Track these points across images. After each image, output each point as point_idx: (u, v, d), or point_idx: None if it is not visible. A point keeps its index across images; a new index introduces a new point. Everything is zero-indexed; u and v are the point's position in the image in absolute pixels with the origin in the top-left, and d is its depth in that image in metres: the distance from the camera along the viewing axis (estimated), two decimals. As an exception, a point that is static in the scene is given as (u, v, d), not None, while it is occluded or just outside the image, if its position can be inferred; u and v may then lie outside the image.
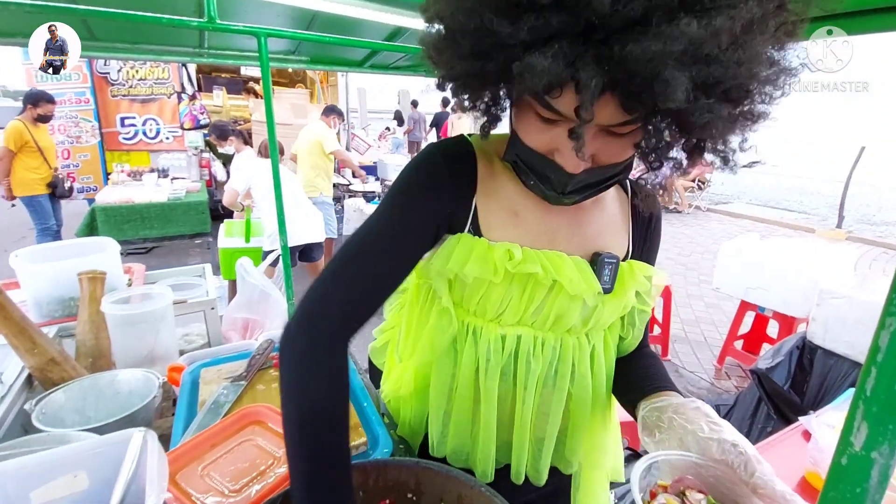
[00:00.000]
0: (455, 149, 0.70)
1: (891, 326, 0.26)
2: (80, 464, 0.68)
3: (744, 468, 0.57)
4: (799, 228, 7.87)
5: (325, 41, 1.44)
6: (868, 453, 0.27)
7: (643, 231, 0.78)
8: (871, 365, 0.27)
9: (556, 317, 0.71)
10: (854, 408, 0.28)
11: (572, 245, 0.71)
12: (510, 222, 0.69)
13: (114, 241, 1.40)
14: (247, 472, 0.79)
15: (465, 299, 0.72)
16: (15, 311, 0.96)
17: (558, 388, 0.75)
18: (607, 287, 0.70)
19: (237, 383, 1.02)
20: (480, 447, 0.79)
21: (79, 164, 5.54)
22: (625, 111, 0.51)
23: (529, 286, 0.68)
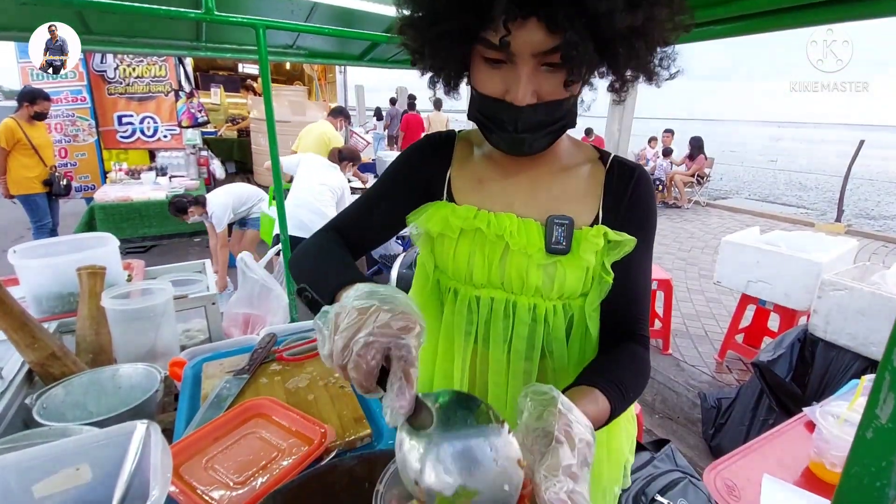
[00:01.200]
0: (440, 136, 0.85)
1: None
2: (83, 456, 0.68)
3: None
4: (798, 223, 7.88)
5: (324, 33, 1.43)
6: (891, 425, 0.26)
7: (618, 202, 0.76)
8: (897, 335, 0.26)
9: (518, 277, 0.75)
10: (880, 380, 0.27)
11: (529, 209, 0.76)
12: (475, 189, 0.79)
13: (113, 236, 1.39)
14: (251, 464, 0.79)
15: (441, 260, 0.80)
16: (15, 305, 0.95)
17: (535, 352, 0.77)
18: (561, 247, 0.73)
19: (240, 377, 1.01)
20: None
21: (76, 162, 5.51)
22: (551, 34, 0.58)
23: (487, 246, 0.75)
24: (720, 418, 2.44)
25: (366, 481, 0.74)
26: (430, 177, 0.82)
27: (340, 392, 1.00)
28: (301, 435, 0.85)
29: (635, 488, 1.28)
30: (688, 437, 2.57)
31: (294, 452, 0.81)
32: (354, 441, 0.87)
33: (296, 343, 1.16)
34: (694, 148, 9.00)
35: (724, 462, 1.19)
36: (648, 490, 1.27)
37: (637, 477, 1.33)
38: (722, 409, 2.45)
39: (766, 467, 1.16)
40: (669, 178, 9.03)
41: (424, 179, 0.82)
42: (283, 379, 1.04)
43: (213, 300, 1.41)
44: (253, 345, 1.19)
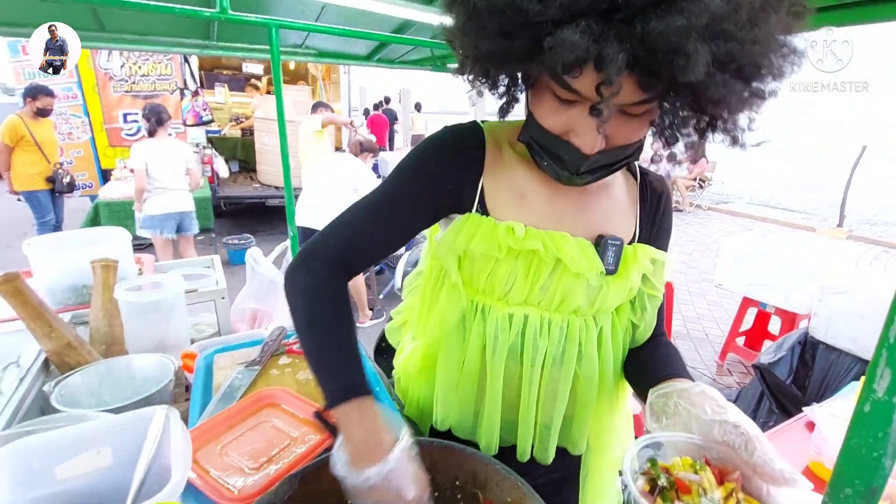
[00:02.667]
0: (465, 133, 0.73)
1: None
2: (104, 440, 0.70)
3: (744, 448, 0.57)
4: (800, 228, 7.90)
5: (335, 33, 1.45)
6: (891, 398, 0.28)
7: (651, 215, 0.79)
8: (894, 313, 0.28)
9: (561, 296, 0.72)
10: (877, 356, 0.29)
11: (577, 227, 0.73)
12: (517, 204, 0.72)
13: (125, 230, 1.41)
14: (265, 451, 0.81)
15: (474, 277, 0.74)
16: (32, 296, 0.98)
17: (565, 368, 0.76)
18: (611, 268, 0.72)
19: (251, 368, 1.03)
20: (485, 422, 0.80)
21: (72, 160, 5.52)
22: (642, 90, 0.53)
23: (534, 264, 0.70)
24: (720, 419, 2.46)
25: (377, 469, 0.76)
26: (457, 184, 0.72)
27: (350, 384, 1.02)
28: (313, 424, 0.87)
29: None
30: (688, 438, 2.59)
31: (307, 440, 0.83)
32: (364, 431, 0.89)
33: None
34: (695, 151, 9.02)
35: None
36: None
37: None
38: (722, 411, 2.47)
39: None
40: (672, 182, 9.06)
41: (448, 193, 0.72)
42: (294, 371, 1.06)
43: (223, 294, 1.43)
44: (262, 338, 1.21)
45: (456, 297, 0.76)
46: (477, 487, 0.75)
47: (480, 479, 0.75)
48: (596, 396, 0.80)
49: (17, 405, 0.86)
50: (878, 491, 0.31)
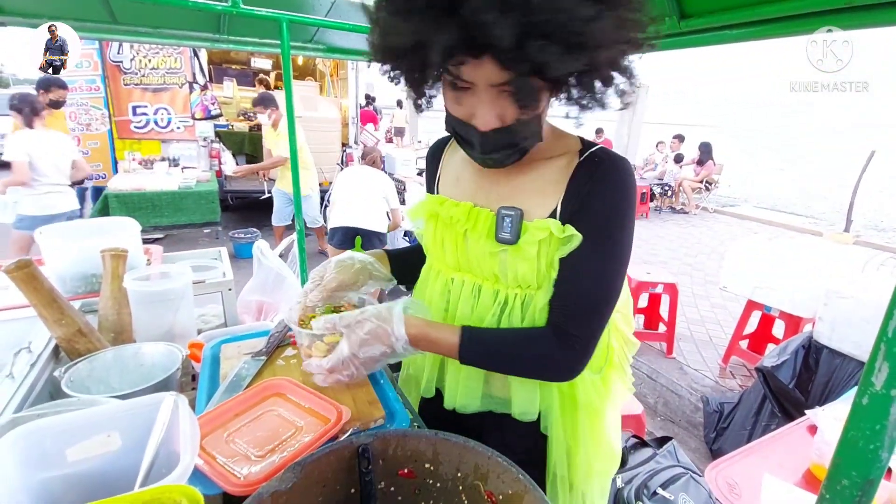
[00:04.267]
0: (434, 145, 1.00)
1: None
2: (114, 424, 0.71)
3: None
4: (806, 232, 7.84)
5: (345, 28, 1.46)
6: (888, 391, 0.29)
7: (576, 193, 0.76)
8: (893, 308, 0.29)
9: (476, 262, 0.84)
10: (876, 350, 0.30)
11: (487, 200, 0.84)
12: (453, 184, 0.91)
13: (134, 221, 1.42)
14: (270, 439, 0.82)
15: (426, 245, 0.94)
16: (45, 282, 0.99)
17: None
18: (507, 237, 0.79)
19: (257, 358, 1.04)
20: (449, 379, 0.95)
21: (88, 151, 5.57)
22: (504, 69, 0.63)
23: (451, 232, 0.86)
24: (722, 422, 2.46)
25: (380, 458, 0.77)
26: (430, 179, 0.98)
27: (354, 376, 1.03)
28: (318, 414, 0.88)
29: (637, 482, 1.30)
30: (689, 441, 2.59)
31: (312, 430, 0.84)
32: (369, 422, 0.90)
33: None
34: (703, 153, 8.98)
35: (725, 461, 1.21)
36: (650, 483, 1.29)
37: (639, 471, 1.35)
38: (724, 414, 2.47)
39: (768, 468, 1.18)
40: (678, 184, 9.02)
41: (428, 182, 0.99)
42: (299, 362, 1.07)
43: (230, 286, 1.44)
44: (268, 330, 1.22)
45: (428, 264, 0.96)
46: (478, 479, 0.76)
47: (482, 470, 0.75)
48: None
49: (28, 390, 0.88)
50: (875, 483, 0.31)
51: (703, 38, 1.16)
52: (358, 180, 3.42)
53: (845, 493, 0.32)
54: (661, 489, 1.28)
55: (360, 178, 3.43)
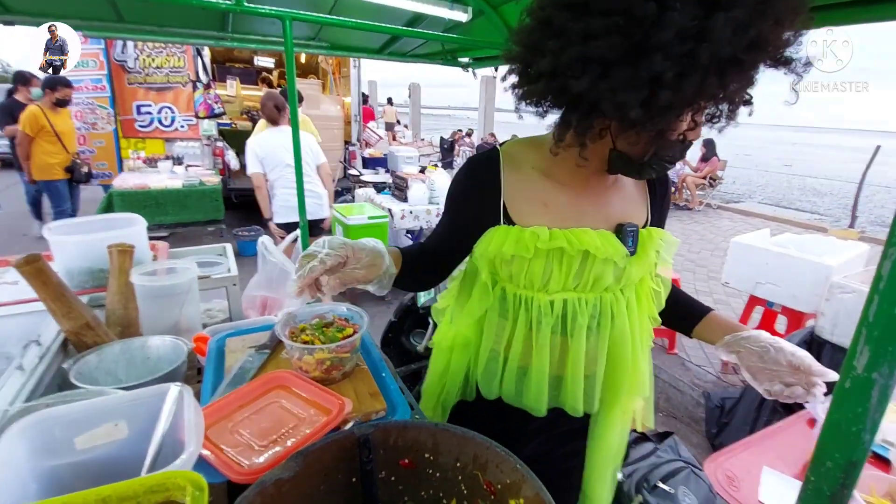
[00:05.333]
0: (481, 166, 0.88)
1: (892, 256, 0.28)
2: (121, 414, 0.73)
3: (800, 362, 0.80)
4: (811, 228, 7.80)
5: (348, 26, 1.47)
6: (869, 374, 0.30)
7: (659, 201, 0.94)
8: (874, 293, 0.30)
9: (594, 279, 0.85)
10: (857, 335, 0.30)
11: (598, 221, 0.86)
12: (541, 211, 0.84)
13: (140, 217, 1.44)
14: (273, 430, 0.83)
15: (513, 276, 0.86)
16: (54, 277, 1.01)
17: (601, 337, 0.89)
18: (631, 250, 0.85)
19: (261, 352, 1.06)
20: (534, 389, 0.92)
21: (94, 150, 5.61)
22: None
23: (565, 259, 0.83)
24: (724, 418, 2.46)
25: (381, 448, 0.78)
26: (481, 203, 0.86)
27: (357, 369, 1.04)
28: (320, 406, 0.89)
29: (638, 475, 1.31)
30: (691, 436, 2.59)
31: (314, 421, 0.85)
32: (370, 414, 0.92)
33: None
34: (707, 150, 8.94)
35: (725, 454, 1.22)
36: (651, 477, 1.30)
37: (640, 465, 1.36)
38: (726, 409, 2.47)
39: (766, 460, 1.19)
40: (681, 180, 8.98)
41: (477, 206, 0.87)
42: (302, 355, 1.09)
43: (234, 282, 1.46)
44: (271, 324, 1.23)
45: (484, 294, 0.90)
46: (477, 469, 0.77)
47: (480, 460, 0.77)
48: (629, 353, 0.91)
49: (38, 381, 0.90)
50: (858, 465, 0.32)
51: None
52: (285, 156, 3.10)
53: (829, 475, 0.33)
54: (661, 483, 1.29)
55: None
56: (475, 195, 0.87)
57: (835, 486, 0.32)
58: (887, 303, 0.29)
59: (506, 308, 0.89)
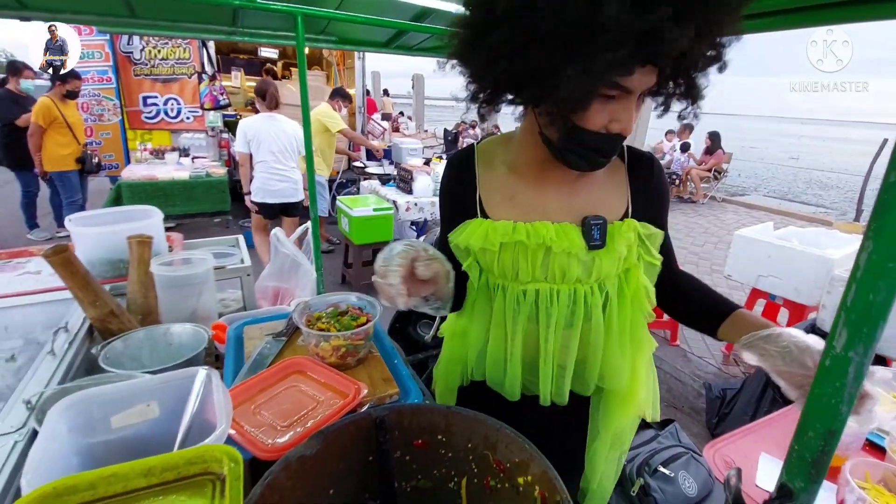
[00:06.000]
0: (458, 163, 0.93)
1: (868, 248, 0.32)
2: (153, 395, 0.77)
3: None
4: (816, 221, 7.79)
5: (357, 21, 1.49)
6: (846, 353, 0.34)
7: (645, 187, 0.90)
8: (852, 281, 0.33)
9: (560, 271, 0.85)
10: (837, 318, 0.34)
11: (563, 214, 0.86)
12: (508, 205, 0.88)
13: (157, 209, 1.49)
14: (293, 412, 0.88)
15: (488, 265, 0.90)
16: (80, 267, 1.05)
17: (574, 327, 0.89)
18: (597, 244, 0.84)
19: (279, 339, 1.11)
20: (509, 373, 0.95)
21: (101, 141, 5.65)
22: (659, 74, 0.68)
23: (529, 251, 0.85)
24: (724, 408, 2.50)
25: (396, 429, 0.83)
26: (462, 199, 0.91)
27: (370, 356, 1.09)
28: (336, 390, 0.94)
29: (639, 459, 1.36)
30: (691, 426, 2.64)
31: (332, 404, 0.90)
32: (384, 398, 0.96)
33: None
34: (712, 142, 8.91)
35: (724, 441, 1.26)
36: (652, 461, 1.35)
37: (641, 450, 1.40)
38: (726, 400, 2.51)
39: (765, 447, 1.22)
40: (686, 173, 8.96)
41: (459, 203, 0.91)
42: (317, 342, 1.13)
43: (248, 272, 1.50)
44: (286, 312, 1.28)
45: (480, 282, 0.93)
46: (487, 449, 0.82)
47: (491, 441, 0.81)
48: (603, 346, 0.92)
49: (69, 365, 0.94)
50: (836, 433, 0.36)
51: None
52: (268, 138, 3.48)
53: (811, 444, 0.37)
54: (661, 467, 1.33)
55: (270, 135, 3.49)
56: (457, 191, 0.92)
57: (815, 452, 0.36)
58: (863, 290, 0.33)
59: (488, 296, 0.93)
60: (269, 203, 3.62)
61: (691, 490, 1.34)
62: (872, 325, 0.32)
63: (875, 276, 0.32)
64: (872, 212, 0.32)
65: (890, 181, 0.30)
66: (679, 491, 1.33)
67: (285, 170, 3.56)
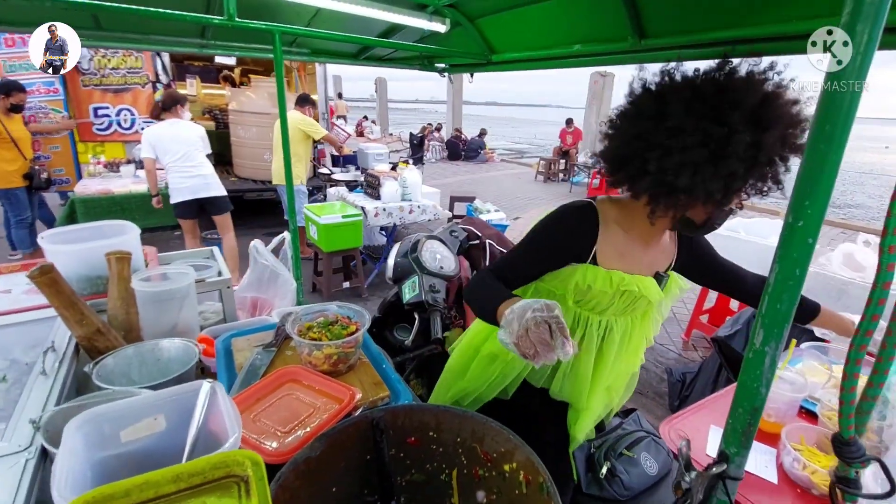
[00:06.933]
0: (584, 217, 1.09)
1: (775, 270, 0.42)
2: (159, 408, 0.81)
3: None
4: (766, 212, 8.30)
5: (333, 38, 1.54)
6: (763, 348, 0.44)
7: (686, 250, 1.20)
8: (765, 293, 0.43)
9: (640, 312, 1.18)
10: (756, 321, 0.44)
11: (645, 269, 1.13)
12: (619, 259, 1.10)
13: (133, 224, 1.49)
14: (292, 418, 0.93)
15: (583, 301, 1.13)
16: (65, 286, 1.06)
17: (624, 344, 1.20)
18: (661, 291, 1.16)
19: (269, 349, 1.15)
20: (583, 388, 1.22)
21: (49, 155, 5.37)
22: None
23: (626, 296, 1.10)
24: (685, 391, 2.69)
25: (390, 429, 0.90)
26: (577, 245, 1.08)
27: (360, 362, 1.15)
28: (331, 396, 1.00)
29: (606, 445, 1.47)
30: (656, 409, 2.81)
31: (328, 409, 0.96)
32: (376, 401, 1.02)
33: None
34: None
35: (678, 417, 1.38)
36: (617, 446, 1.47)
37: (609, 437, 1.53)
38: (686, 383, 2.69)
39: (714, 420, 1.35)
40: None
41: (573, 248, 1.08)
42: (307, 351, 1.18)
43: (228, 284, 1.52)
44: (271, 324, 1.32)
45: (565, 310, 1.11)
46: (475, 442, 0.90)
47: (478, 435, 0.89)
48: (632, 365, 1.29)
49: (62, 385, 0.96)
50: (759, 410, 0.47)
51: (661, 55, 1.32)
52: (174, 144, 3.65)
53: (741, 418, 0.47)
54: (626, 450, 1.46)
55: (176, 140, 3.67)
56: (578, 234, 1.08)
57: (744, 425, 0.47)
58: (773, 301, 0.43)
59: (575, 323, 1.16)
60: (184, 201, 3.77)
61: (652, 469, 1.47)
62: (780, 326, 0.43)
63: (780, 290, 0.42)
64: (778, 243, 0.42)
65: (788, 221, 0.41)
66: (642, 471, 1.46)
67: (192, 166, 3.73)
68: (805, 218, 0.41)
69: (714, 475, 0.59)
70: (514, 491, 0.82)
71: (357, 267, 4.14)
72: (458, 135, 14.28)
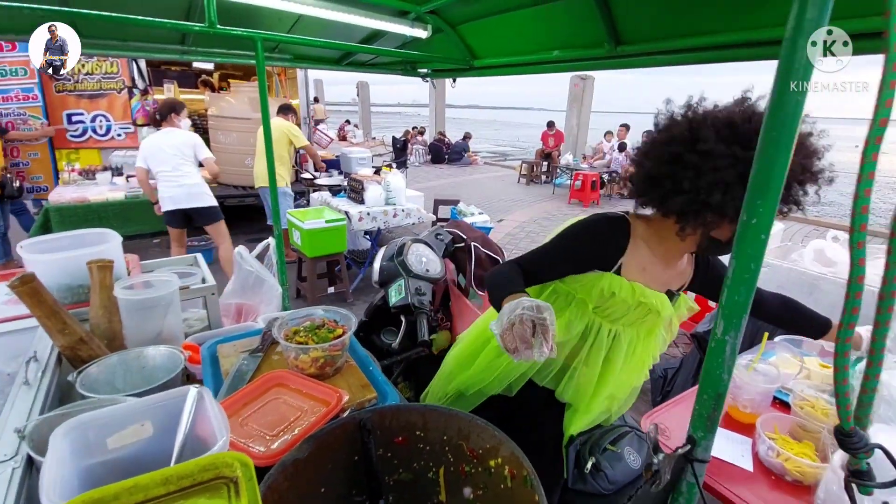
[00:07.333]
0: (618, 230, 1.15)
1: (732, 265, 0.46)
2: (146, 415, 0.81)
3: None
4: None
5: (315, 45, 1.56)
6: (724, 337, 0.47)
7: (703, 271, 1.26)
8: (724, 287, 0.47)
9: (650, 324, 1.24)
10: (717, 313, 0.48)
11: (661, 286, 1.18)
12: (640, 272, 1.16)
13: (115, 232, 1.48)
14: (279, 422, 0.94)
15: (599, 308, 1.18)
16: (47, 295, 1.06)
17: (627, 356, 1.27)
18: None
19: (255, 355, 1.15)
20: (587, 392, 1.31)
21: (28, 162, 5.26)
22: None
23: (642, 307, 1.17)
24: (666, 386, 2.75)
25: (378, 429, 0.91)
26: (607, 255, 1.14)
27: (347, 365, 1.16)
28: (318, 398, 1.01)
29: (591, 441, 1.51)
30: (639, 405, 2.86)
31: (316, 411, 0.97)
32: (364, 403, 1.04)
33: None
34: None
35: (658, 410, 1.43)
36: (601, 441, 1.50)
37: (594, 433, 1.56)
38: (668, 379, 2.76)
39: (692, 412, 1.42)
40: (625, 170, 9.51)
41: (602, 257, 1.14)
42: (293, 355, 1.19)
43: (213, 291, 1.52)
44: (257, 329, 1.32)
45: (583, 314, 1.20)
46: (461, 439, 0.92)
47: (464, 432, 0.91)
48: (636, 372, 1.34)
49: (45, 394, 0.95)
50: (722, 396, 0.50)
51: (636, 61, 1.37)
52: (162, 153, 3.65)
53: (706, 404, 0.51)
54: (610, 445, 1.49)
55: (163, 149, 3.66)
56: (609, 246, 1.14)
57: (710, 410, 0.50)
58: (732, 293, 0.46)
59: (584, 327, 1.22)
60: (170, 210, 3.78)
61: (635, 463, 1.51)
62: (739, 317, 0.46)
63: (738, 283, 0.45)
64: (735, 240, 0.45)
65: (743, 220, 0.44)
66: (626, 465, 1.49)
67: (178, 176, 3.73)
68: (758, 216, 0.45)
69: (681, 455, 0.63)
70: (499, 485, 0.85)
71: (342, 272, 4.14)
72: (441, 138, 14.34)
